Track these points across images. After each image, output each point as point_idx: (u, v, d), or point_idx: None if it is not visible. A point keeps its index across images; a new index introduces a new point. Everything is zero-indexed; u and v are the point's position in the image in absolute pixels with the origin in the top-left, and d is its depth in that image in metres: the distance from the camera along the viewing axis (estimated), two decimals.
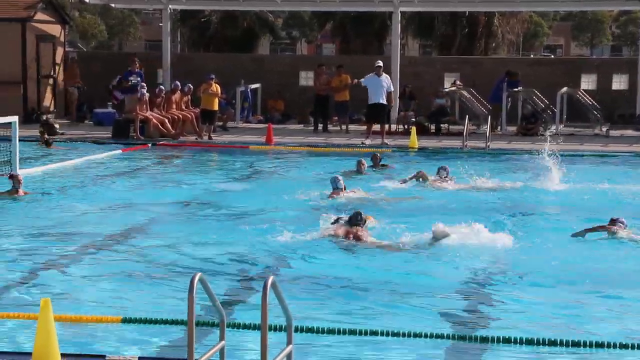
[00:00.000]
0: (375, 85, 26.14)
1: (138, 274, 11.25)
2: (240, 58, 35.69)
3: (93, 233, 13.63)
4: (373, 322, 8.94)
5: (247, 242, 12.97)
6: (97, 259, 12.07)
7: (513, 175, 19.95)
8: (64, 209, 15.88)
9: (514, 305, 10.08)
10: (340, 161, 22.20)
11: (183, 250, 12.65)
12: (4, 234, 13.59)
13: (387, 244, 12.81)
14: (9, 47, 30.32)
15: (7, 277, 10.93)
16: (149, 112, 26.77)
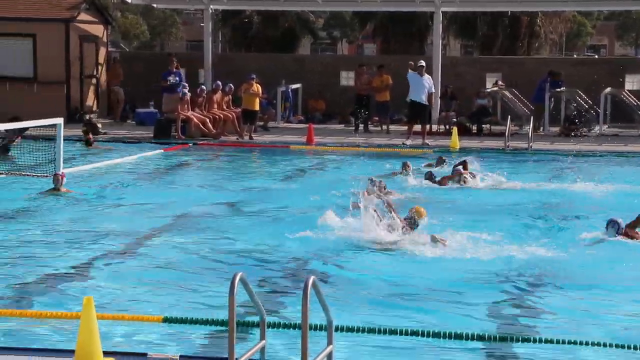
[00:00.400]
0: (417, 83, 26.06)
1: (179, 273, 11.30)
2: (281, 58, 35.74)
3: (134, 232, 13.72)
4: (413, 323, 8.92)
5: (288, 242, 12.97)
6: (137, 258, 12.14)
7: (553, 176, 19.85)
8: (105, 208, 16.00)
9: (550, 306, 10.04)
10: (380, 161, 22.18)
11: (223, 249, 12.71)
12: (46, 231, 13.70)
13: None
14: (53, 48, 30.58)
15: (50, 274, 11.01)
16: (190, 112, 26.88)
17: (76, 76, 31.20)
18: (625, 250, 12.65)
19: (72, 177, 18.44)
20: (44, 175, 18.36)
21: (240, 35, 42.89)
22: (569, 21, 52.01)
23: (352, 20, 50.38)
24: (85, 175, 19.57)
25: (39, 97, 29.82)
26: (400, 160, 20.14)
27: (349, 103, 30.66)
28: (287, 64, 34.37)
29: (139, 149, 23.87)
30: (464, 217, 14.57)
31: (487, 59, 36.87)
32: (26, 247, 12.60)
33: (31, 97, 29.82)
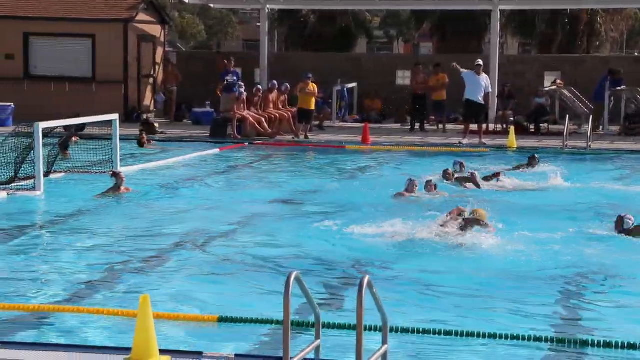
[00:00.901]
0: (474, 82, 25.89)
1: (234, 272, 11.36)
2: (337, 57, 35.76)
3: (190, 231, 13.79)
4: (468, 323, 8.89)
5: (343, 241, 13.00)
6: (193, 257, 12.20)
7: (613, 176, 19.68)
8: (163, 207, 16.12)
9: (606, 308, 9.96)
10: (436, 161, 22.13)
11: (279, 249, 12.76)
12: (106, 230, 13.84)
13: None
14: (111, 47, 30.90)
15: (108, 273, 11.14)
16: (246, 111, 27.01)
17: (134, 76, 31.52)
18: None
19: (130, 176, 18.59)
20: (103, 172, 18.54)
21: (296, 35, 42.96)
22: (630, 18, 51.32)
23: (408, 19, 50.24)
24: (142, 174, 19.72)
25: (97, 97, 30.14)
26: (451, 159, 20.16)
27: (405, 102, 30.63)
28: (343, 63, 34.40)
29: (195, 149, 24.01)
30: (518, 217, 14.47)
31: (546, 57, 36.56)
32: (85, 246, 12.75)
33: (90, 97, 30.13)
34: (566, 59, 34.51)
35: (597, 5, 37.20)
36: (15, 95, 30.22)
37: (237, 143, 25.54)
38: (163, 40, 33.93)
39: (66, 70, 31.02)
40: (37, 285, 10.53)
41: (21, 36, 31.14)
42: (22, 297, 9.92)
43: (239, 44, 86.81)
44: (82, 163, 20.20)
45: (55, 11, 31.60)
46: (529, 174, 19.49)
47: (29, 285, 10.51)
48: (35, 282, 10.68)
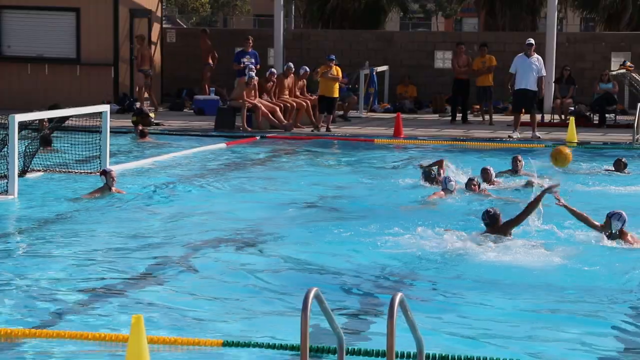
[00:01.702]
0: (524, 68, 25.85)
1: (241, 288, 11.39)
2: (364, 35, 35.71)
3: (191, 240, 13.83)
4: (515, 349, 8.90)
5: (369, 252, 13.02)
6: (195, 270, 12.25)
7: None
8: (159, 211, 16.19)
9: None
10: (482, 157, 22.16)
11: (294, 261, 12.79)
12: (91, 239, 13.91)
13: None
14: (99, 24, 30.95)
15: (93, 289, 11.17)
16: (257, 99, 27.00)
17: (126, 57, 31.56)
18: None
19: (122, 175, 18.66)
20: (89, 171, 18.61)
21: (316, 9, 42.97)
22: None
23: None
24: (136, 172, 19.79)
25: (82, 82, 30.27)
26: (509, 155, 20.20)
27: (445, 88, 30.65)
28: (372, 42, 34.43)
29: (197, 143, 24.08)
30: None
31: (614, 35, 36.48)
32: (66, 258, 12.79)
33: (73, 82, 30.31)
34: (637, 37, 34.41)
35: None
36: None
37: (247, 137, 25.59)
38: (160, 15, 34.02)
39: (46, 50, 31.14)
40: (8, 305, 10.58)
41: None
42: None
43: (249, 19, 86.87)
44: (65, 160, 20.27)
45: None
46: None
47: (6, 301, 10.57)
48: (6, 302, 10.71)
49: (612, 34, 37.09)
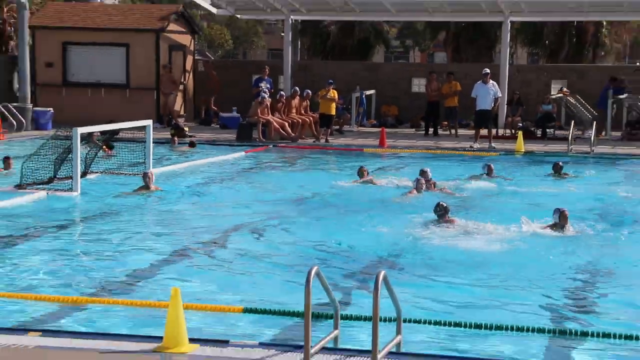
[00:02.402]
0: (483, 92, 26.07)
1: (258, 266, 11.41)
2: (356, 66, 35.74)
3: (217, 228, 13.86)
4: (477, 315, 8.93)
5: (360, 238, 13.04)
6: (220, 252, 12.27)
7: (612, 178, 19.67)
8: (190, 205, 16.23)
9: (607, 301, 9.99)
10: (449, 163, 22.16)
11: (300, 245, 12.81)
12: (137, 226, 13.95)
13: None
14: (144, 56, 30.97)
15: (139, 266, 11.22)
16: (270, 116, 27.05)
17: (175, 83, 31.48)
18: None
19: (161, 176, 18.69)
20: (135, 174, 18.64)
21: (318, 44, 43.02)
22: (633, 30, 51.22)
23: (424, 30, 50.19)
24: (173, 174, 19.79)
25: (131, 103, 30.27)
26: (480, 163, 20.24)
27: (420, 109, 30.64)
28: (362, 71, 34.42)
29: (223, 151, 24.08)
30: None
31: (553, 67, 36.49)
32: (119, 241, 12.83)
33: (124, 103, 30.29)
34: (572, 69, 34.41)
35: (602, 17, 37.08)
36: (54, 101, 30.40)
37: (261, 146, 25.59)
38: (193, 49, 34.01)
39: (102, 77, 31.14)
40: (74, 279, 10.61)
41: (60, 45, 31.27)
42: (60, 290, 10.03)
43: (264, 52, 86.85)
44: (117, 165, 20.33)
45: (92, 21, 31.70)
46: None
47: (66, 278, 10.60)
48: (72, 276, 10.74)
49: (552, 66, 37.08)
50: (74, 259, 11.61)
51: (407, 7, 33.60)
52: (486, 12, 32.27)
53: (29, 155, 17.68)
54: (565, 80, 32.17)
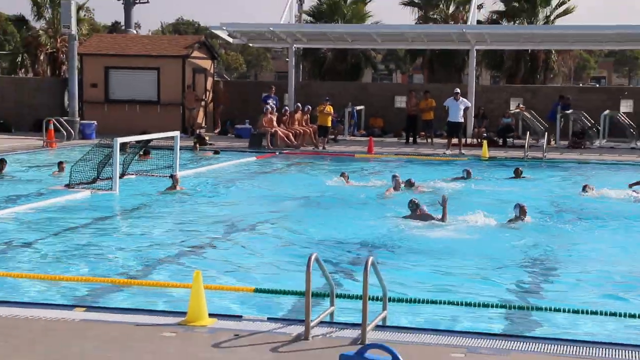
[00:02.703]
0: (453, 107, 26.09)
1: (267, 253, 11.37)
2: (348, 85, 35.64)
3: (233, 221, 13.83)
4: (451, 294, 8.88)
5: (352, 229, 13.00)
6: (235, 241, 12.25)
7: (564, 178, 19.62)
8: (210, 201, 16.18)
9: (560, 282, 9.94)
10: (425, 166, 22.11)
11: (301, 234, 12.76)
12: (165, 220, 13.88)
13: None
14: (172, 78, 30.96)
15: (166, 254, 11.17)
16: (276, 127, 27.04)
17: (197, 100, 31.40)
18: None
19: (186, 177, 18.64)
20: (164, 175, 18.60)
21: (316, 68, 42.88)
22: (576, 57, 51.21)
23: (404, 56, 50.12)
24: (196, 176, 19.75)
25: (161, 116, 30.24)
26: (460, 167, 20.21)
27: (402, 121, 30.60)
28: (353, 90, 34.35)
29: (237, 156, 24.05)
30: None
31: (511, 87, 36.41)
32: (150, 232, 12.79)
33: (155, 116, 30.25)
34: (527, 88, 34.36)
35: (550, 46, 37.25)
36: (97, 115, 30.40)
37: (270, 152, 25.54)
38: (212, 72, 33.98)
39: (137, 95, 31.12)
40: (113, 263, 10.59)
41: (103, 69, 31.26)
42: (101, 272, 9.99)
43: (272, 74, 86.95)
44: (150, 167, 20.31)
45: (129, 49, 31.71)
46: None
47: (106, 263, 10.58)
48: (110, 260, 10.72)
49: (510, 86, 36.97)
50: (112, 247, 11.56)
51: (390, 38, 33.76)
52: (456, 41, 32.29)
53: (77, 161, 17.66)
54: (522, 98, 32.15)
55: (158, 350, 6.66)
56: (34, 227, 12.86)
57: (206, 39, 34.62)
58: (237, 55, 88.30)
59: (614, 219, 14.32)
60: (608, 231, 13.32)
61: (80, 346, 6.73)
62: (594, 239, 12.67)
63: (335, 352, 6.26)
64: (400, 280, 9.59)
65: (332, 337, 6.98)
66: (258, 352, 6.64)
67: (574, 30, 31.44)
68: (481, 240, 12.26)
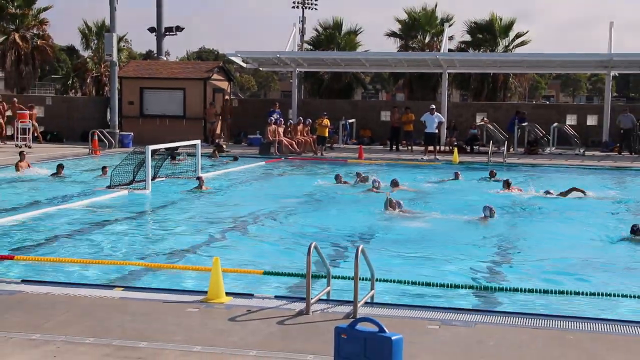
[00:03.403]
0: (429, 121, 26.05)
1: (275, 241, 11.32)
2: (341, 103, 35.56)
3: (248, 215, 13.75)
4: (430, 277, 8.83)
5: (346, 221, 12.94)
6: (249, 232, 12.19)
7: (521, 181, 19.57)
8: (230, 199, 16.12)
9: None
10: (406, 169, 22.06)
11: (303, 225, 12.68)
12: (193, 215, 13.81)
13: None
14: (196, 97, 30.93)
15: (193, 243, 11.11)
16: (282, 137, 27.02)
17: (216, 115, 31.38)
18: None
19: (209, 179, 18.58)
20: (189, 177, 18.57)
21: (316, 87, 42.83)
22: (530, 79, 51.20)
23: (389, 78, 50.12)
24: (216, 178, 19.69)
25: (186, 129, 30.16)
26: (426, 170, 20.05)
27: (386, 132, 30.57)
28: (346, 106, 34.30)
29: (250, 161, 24.02)
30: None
31: (477, 104, 36.40)
32: (180, 224, 12.73)
33: (182, 128, 30.19)
34: (490, 105, 34.35)
35: (509, 71, 37.40)
36: (134, 128, 30.34)
37: (276, 158, 25.49)
38: (229, 91, 33.92)
39: (167, 111, 31.06)
40: (149, 249, 10.54)
41: (138, 89, 31.18)
42: (136, 257, 9.93)
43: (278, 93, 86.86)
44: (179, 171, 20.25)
45: (160, 73, 31.65)
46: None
47: (141, 250, 10.53)
48: (147, 247, 10.68)
49: (476, 103, 36.96)
50: (147, 237, 11.52)
51: (377, 63, 33.75)
52: (431, 66, 32.30)
53: (116, 166, 17.61)
54: (486, 112, 32.13)
55: (183, 323, 6.63)
56: (81, 220, 12.80)
57: (224, 64, 34.54)
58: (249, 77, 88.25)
59: (557, 212, 14.23)
60: (552, 223, 13.26)
61: (120, 319, 6.70)
62: (543, 230, 12.60)
63: (331, 324, 6.23)
64: (386, 264, 9.55)
65: (329, 312, 6.94)
66: (267, 324, 6.60)
67: (528, 58, 31.56)
68: (454, 232, 12.20)
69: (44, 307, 7.02)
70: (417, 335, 6.29)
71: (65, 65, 58.81)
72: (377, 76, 72.81)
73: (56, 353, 5.83)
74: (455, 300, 7.92)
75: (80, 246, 10.66)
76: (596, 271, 9.57)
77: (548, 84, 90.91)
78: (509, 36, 41.12)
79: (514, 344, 6.18)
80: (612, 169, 23.29)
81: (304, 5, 57.16)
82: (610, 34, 29.60)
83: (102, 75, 42.00)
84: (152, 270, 9.15)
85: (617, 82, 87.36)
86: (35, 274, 8.78)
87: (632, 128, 28.36)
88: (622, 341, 6.32)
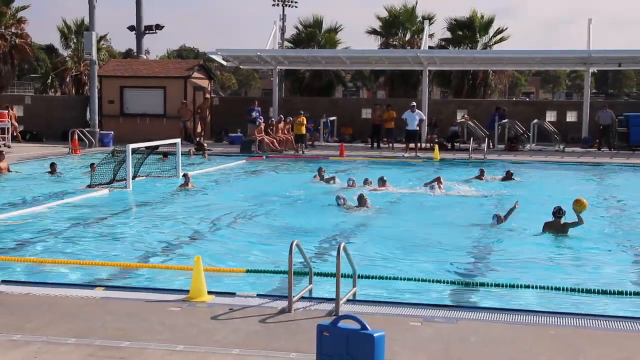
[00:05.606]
0: (410, 118, 26.19)
1: (257, 239, 11.29)
2: (322, 100, 35.58)
3: (229, 213, 13.69)
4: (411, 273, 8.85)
5: (327, 218, 12.95)
6: (231, 229, 12.16)
7: None
8: (214, 196, 16.09)
9: None
10: (387, 166, 22.10)
11: (284, 223, 12.67)
12: (176, 212, 13.76)
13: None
14: (176, 95, 30.80)
15: (176, 240, 11.08)
16: (263, 135, 26.97)
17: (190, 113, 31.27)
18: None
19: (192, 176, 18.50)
20: (172, 176, 18.48)
21: (296, 85, 42.82)
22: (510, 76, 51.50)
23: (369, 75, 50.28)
24: (199, 176, 19.60)
25: (166, 127, 30.01)
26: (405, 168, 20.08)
27: (368, 130, 30.59)
28: (327, 103, 34.31)
29: (231, 160, 23.96)
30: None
31: (458, 100, 36.57)
32: (163, 221, 12.67)
33: (162, 127, 30.04)
34: (470, 102, 34.52)
35: (488, 67, 37.54)
36: (114, 127, 30.18)
37: (257, 156, 25.44)
38: (210, 90, 33.80)
39: (147, 109, 30.92)
40: (128, 249, 10.49)
41: (118, 88, 31.01)
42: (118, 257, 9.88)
43: (259, 92, 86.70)
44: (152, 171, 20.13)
45: (140, 71, 31.49)
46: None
47: (122, 249, 10.47)
48: (126, 247, 10.62)
49: (457, 100, 37.13)
50: (128, 236, 11.45)
51: (357, 60, 33.71)
52: (412, 63, 32.33)
53: (98, 163, 17.51)
54: (466, 109, 32.27)
55: (166, 322, 6.60)
56: (61, 220, 12.71)
57: (204, 63, 34.43)
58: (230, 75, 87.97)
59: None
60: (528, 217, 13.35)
61: (102, 319, 6.66)
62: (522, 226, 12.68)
63: (314, 322, 6.22)
64: (367, 262, 9.57)
65: (311, 310, 6.95)
66: (249, 323, 6.60)
67: (508, 55, 31.68)
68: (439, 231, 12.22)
69: (25, 308, 6.97)
70: (400, 332, 6.31)
71: (45, 64, 58.29)
72: (357, 74, 72.58)
73: (37, 354, 5.79)
74: (437, 297, 7.95)
75: (61, 246, 10.58)
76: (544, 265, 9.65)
77: (528, 80, 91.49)
78: (489, 33, 41.36)
79: (496, 340, 6.22)
80: (592, 165, 23.46)
81: (284, 3, 57.08)
82: (589, 31, 29.81)
83: (82, 74, 41.71)
84: (133, 270, 9.10)
85: (596, 79, 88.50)
86: (16, 274, 8.71)
87: (611, 124, 28.62)
88: (604, 335, 6.39)
